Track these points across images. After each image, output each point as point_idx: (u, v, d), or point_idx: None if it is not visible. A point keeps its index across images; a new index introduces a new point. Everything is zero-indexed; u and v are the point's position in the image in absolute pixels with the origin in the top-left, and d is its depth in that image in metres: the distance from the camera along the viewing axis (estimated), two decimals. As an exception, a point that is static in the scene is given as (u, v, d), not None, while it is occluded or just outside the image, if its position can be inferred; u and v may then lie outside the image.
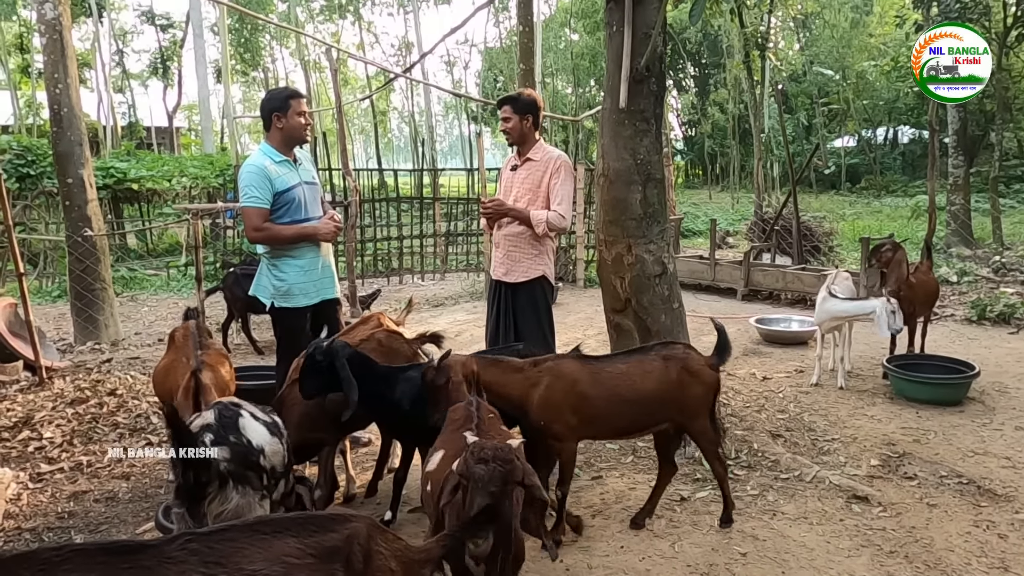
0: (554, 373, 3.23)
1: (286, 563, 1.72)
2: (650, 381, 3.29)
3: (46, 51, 6.92)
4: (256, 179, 3.75)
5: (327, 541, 1.79)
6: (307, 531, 1.80)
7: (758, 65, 17.89)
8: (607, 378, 3.27)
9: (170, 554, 1.64)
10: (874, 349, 6.46)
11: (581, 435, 3.41)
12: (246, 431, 2.60)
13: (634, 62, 4.48)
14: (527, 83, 8.96)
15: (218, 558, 1.66)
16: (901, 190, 23.81)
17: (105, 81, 25.92)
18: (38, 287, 10.63)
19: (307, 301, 3.91)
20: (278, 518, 1.90)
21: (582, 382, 3.23)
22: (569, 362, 3.31)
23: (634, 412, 3.30)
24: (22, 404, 5.16)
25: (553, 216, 4.25)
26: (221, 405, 2.67)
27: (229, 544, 1.70)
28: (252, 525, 1.81)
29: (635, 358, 3.40)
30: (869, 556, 3.23)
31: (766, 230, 10.90)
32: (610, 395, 3.24)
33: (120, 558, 1.60)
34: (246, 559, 1.68)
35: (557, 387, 3.20)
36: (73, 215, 7.08)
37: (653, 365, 3.33)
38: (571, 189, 4.41)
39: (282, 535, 1.77)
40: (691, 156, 34.12)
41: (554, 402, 3.19)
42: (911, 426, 4.78)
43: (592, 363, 3.35)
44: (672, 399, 3.30)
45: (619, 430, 3.49)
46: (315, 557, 1.76)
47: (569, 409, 3.21)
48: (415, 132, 34.08)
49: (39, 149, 12.15)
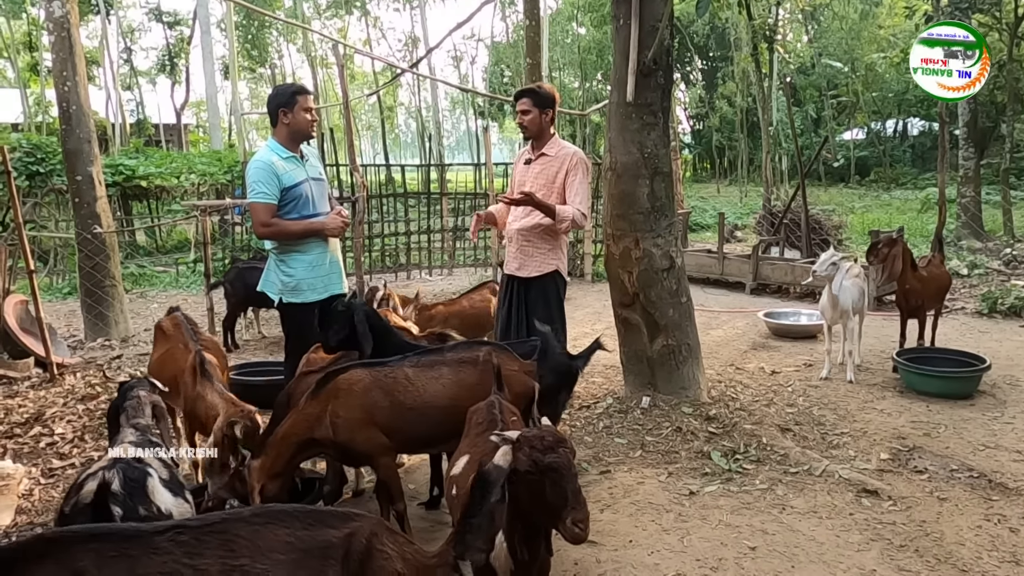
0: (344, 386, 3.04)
1: (272, 558, 1.70)
2: (447, 386, 3.06)
3: (54, 49, 6.95)
4: (264, 175, 3.76)
5: (321, 536, 1.77)
6: (302, 525, 1.78)
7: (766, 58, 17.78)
8: (400, 386, 3.05)
9: (158, 544, 1.64)
10: (884, 343, 6.43)
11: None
12: (155, 496, 2.28)
13: (641, 55, 4.47)
14: (534, 77, 8.94)
15: (203, 550, 1.66)
16: (911, 183, 23.65)
17: (113, 79, 26.01)
18: (48, 284, 10.70)
19: (315, 296, 3.92)
20: (277, 509, 1.84)
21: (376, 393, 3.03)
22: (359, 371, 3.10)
23: (431, 421, 3.07)
24: (33, 400, 5.20)
25: (577, 215, 4.21)
26: (124, 464, 2.30)
27: (217, 536, 1.70)
28: (247, 517, 1.78)
29: (428, 359, 3.16)
30: (879, 550, 3.22)
31: (775, 223, 10.85)
32: (407, 404, 3.04)
33: (110, 545, 1.61)
34: (231, 553, 1.68)
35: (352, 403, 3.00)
36: (82, 212, 7.12)
37: (447, 370, 3.11)
38: (588, 186, 4.35)
39: (275, 526, 1.75)
40: (699, 150, 33.97)
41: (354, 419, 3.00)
42: (921, 420, 4.75)
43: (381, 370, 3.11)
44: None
45: (423, 440, 3.24)
46: (304, 552, 1.73)
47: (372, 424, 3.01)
48: (422, 127, 34.05)
49: (48, 147, 12.22)
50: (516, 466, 1.96)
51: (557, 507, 1.92)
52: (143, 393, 2.90)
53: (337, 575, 1.73)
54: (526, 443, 1.97)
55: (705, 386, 4.93)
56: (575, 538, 1.92)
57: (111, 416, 2.92)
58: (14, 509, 3.59)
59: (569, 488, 1.92)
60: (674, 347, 4.76)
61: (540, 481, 1.93)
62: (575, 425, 4.62)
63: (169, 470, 2.44)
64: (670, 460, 4.13)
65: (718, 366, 5.91)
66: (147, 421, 2.73)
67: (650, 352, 4.80)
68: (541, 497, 1.95)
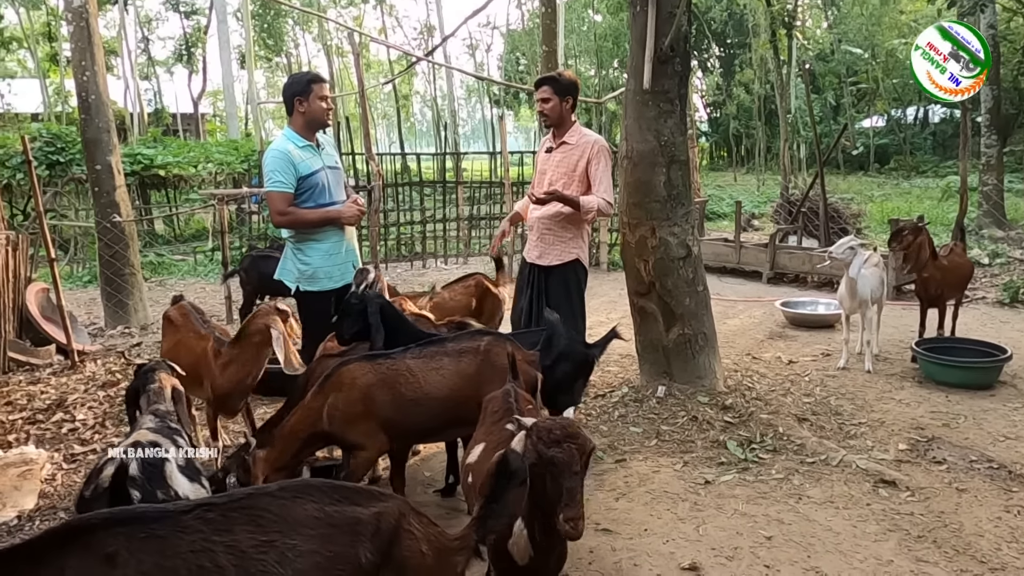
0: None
1: (302, 532, 1.70)
2: (447, 377, 3.03)
3: (73, 39, 7.00)
4: (280, 164, 3.77)
5: (350, 513, 1.76)
6: (330, 500, 1.77)
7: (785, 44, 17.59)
8: (402, 378, 3.04)
9: (186, 523, 1.64)
10: (902, 332, 6.37)
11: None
12: (173, 481, 2.30)
13: (658, 42, 4.43)
14: (550, 65, 8.88)
15: (231, 526, 1.66)
16: (931, 171, 23.33)
17: (131, 68, 26.18)
18: (69, 272, 10.82)
19: (332, 285, 3.94)
20: (303, 484, 1.84)
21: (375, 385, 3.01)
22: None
23: (433, 412, 3.06)
24: (55, 387, 5.27)
25: (603, 204, 4.21)
26: (143, 448, 2.34)
27: (245, 512, 1.69)
28: (273, 492, 1.78)
29: (429, 349, 3.14)
30: (897, 541, 3.20)
31: (792, 212, 10.76)
32: (408, 396, 3.02)
33: (138, 527, 1.61)
34: (260, 529, 1.68)
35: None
36: (102, 201, 7.18)
37: (448, 360, 3.09)
38: (610, 173, 4.34)
39: (303, 501, 1.74)
40: (716, 138, 33.70)
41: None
42: (940, 410, 4.71)
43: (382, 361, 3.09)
44: (469, 399, 3.02)
45: (425, 431, 3.24)
46: (334, 527, 1.73)
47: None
48: (438, 116, 34.03)
49: (68, 136, 12.32)
50: (525, 455, 1.96)
51: (552, 501, 1.92)
52: (163, 375, 2.92)
53: (367, 552, 1.73)
54: (535, 433, 1.97)
55: (721, 375, 4.91)
56: (567, 535, 1.92)
57: (129, 399, 2.95)
58: (37, 493, 3.65)
59: (565, 484, 1.90)
60: (690, 336, 4.75)
61: (542, 473, 1.94)
62: (590, 414, 4.63)
63: (186, 455, 2.46)
64: (686, 449, 4.13)
65: (734, 355, 5.88)
66: (167, 407, 2.76)
67: (666, 341, 4.79)
68: (540, 485, 1.96)
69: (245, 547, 1.65)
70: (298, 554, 1.68)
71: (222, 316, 7.84)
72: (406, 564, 1.80)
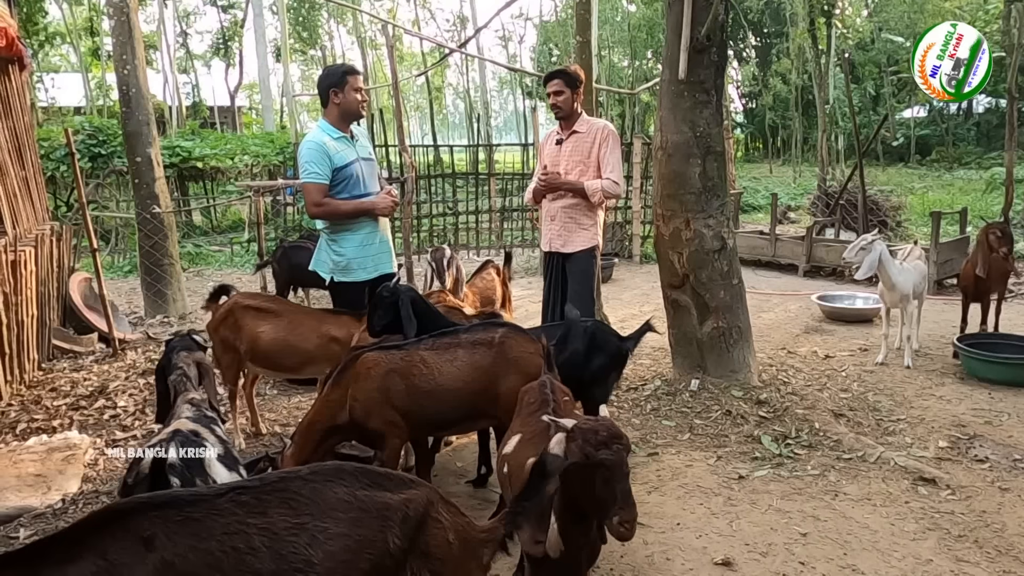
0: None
1: (334, 516, 1.72)
2: (461, 368, 3.02)
3: (114, 33, 7.13)
4: (316, 155, 3.81)
5: (380, 498, 1.78)
6: (360, 485, 1.79)
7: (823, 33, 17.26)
8: (416, 369, 3.03)
9: (220, 506, 1.68)
10: (943, 327, 6.23)
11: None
12: (211, 470, 2.32)
13: (694, 31, 4.38)
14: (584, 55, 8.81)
15: (265, 509, 1.69)
16: (975, 162, 22.74)
17: (170, 62, 26.59)
18: (110, 263, 11.06)
19: (366, 276, 3.97)
20: (334, 468, 1.86)
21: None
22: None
23: (446, 403, 3.04)
24: (97, 374, 5.40)
25: (608, 184, 4.32)
26: (183, 437, 2.37)
27: (278, 495, 1.72)
28: (305, 476, 1.80)
29: (444, 341, 3.12)
30: (936, 540, 3.14)
31: (830, 204, 10.57)
32: (423, 387, 3.01)
33: (173, 510, 1.65)
34: (292, 511, 1.70)
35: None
36: (142, 193, 7.32)
37: (462, 352, 3.07)
38: (620, 156, 4.45)
39: (333, 484, 1.76)
40: (751, 129, 33.23)
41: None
42: (983, 407, 4.60)
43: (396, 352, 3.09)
44: (483, 390, 3.01)
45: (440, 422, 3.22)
46: (364, 511, 1.75)
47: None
48: (470, 108, 34.02)
49: (109, 129, 12.59)
50: (568, 456, 1.93)
51: (606, 503, 1.89)
52: (194, 352, 2.97)
53: (395, 538, 1.75)
54: (580, 435, 1.93)
55: (756, 369, 4.85)
56: (620, 536, 1.90)
57: (159, 376, 2.99)
58: (80, 477, 3.75)
59: (619, 487, 1.88)
60: (724, 329, 4.70)
61: (591, 475, 1.90)
62: (622, 407, 4.60)
63: (224, 445, 2.49)
64: (719, 443, 4.09)
65: (769, 349, 5.80)
66: (200, 394, 2.80)
67: (700, 334, 4.74)
68: (591, 490, 1.92)
69: (278, 529, 1.68)
70: (328, 537, 1.70)
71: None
72: (432, 552, 1.81)
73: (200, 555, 1.61)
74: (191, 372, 2.91)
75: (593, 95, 6.68)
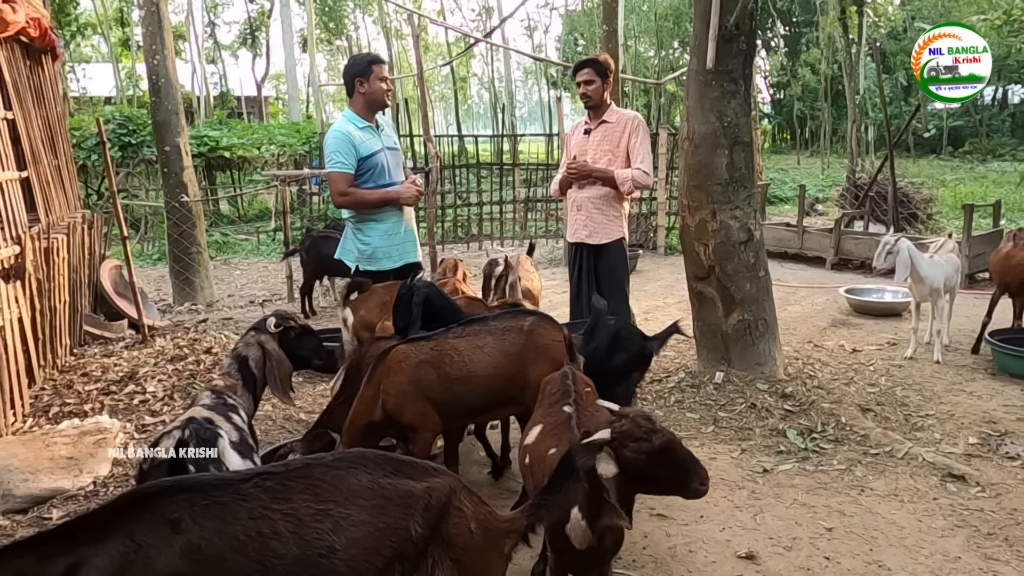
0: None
1: (357, 503, 1.73)
2: (492, 356, 3.00)
3: (144, 24, 7.21)
4: (341, 145, 3.82)
5: (403, 486, 1.79)
6: (383, 472, 1.80)
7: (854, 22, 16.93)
8: (447, 358, 3.02)
9: (245, 491, 1.70)
10: (974, 322, 6.10)
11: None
12: (225, 457, 2.33)
13: (723, 20, 4.33)
14: (610, 45, 8.77)
15: (289, 495, 1.71)
16: (1009, 154, 22.29)
17: (198, 52, 26.85)
18: (140, 251, 11.24)
19: (391, 264, 3.99)
20: (357, 455, 1.87)
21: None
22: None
23: (478, 391, 3.03)
24: (127, 360, 5.49)
25: (638, 174, 4.31)
26: (196, 424, 2.38)
27: (302, 481, 1.74)
28: (328, 463, 1.81)
29: (472, 328, 3.10)
30: (965, 537, 3.09)
31: (859, 196, 10.41)
32: (454, 376, 3.00)
33: (200, 495, 1.67)
34: (316, 498, 1.72)
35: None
36: (171, 182, 7.42)
37: (492, 339, 3.05)
38: (650, 147, 4.45)
39: (356, 472, 1.77)
40: (779, 120, 32.82)
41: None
42: (1015, 403, 4.51)
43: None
44: (513, 376, 2.99)
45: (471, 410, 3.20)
46: (386, 499, 1.76)
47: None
48: (495, 98, 33.95)
49: (139, 119, 12.76)
50: (624, 463, 1.94)
51: (681, 477, 1.97)
52: (261, 333, 3.02)
53: (417, 526, 1.76)
54: (627, 439, 1.94)
55: (782, 363, 4.80)
56: (699, 495, 2.02)
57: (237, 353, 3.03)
58: (111, 461, 3.82)
59: (684, 456, 1.97)
60: (750, 322, 4.65)
61: (658, 463, 1.94)
62: (646, 398, 4.58)
63: (240, 433, 2.51)
64: (743, 437, 4.06)
65: (795, 343, 5.74)
66: (226, 381, 2.83)
67: (725, 327, 4.71)
68: (660, 475, 1.97)
69: (302, 515, 1.70)
70: (352, 523, 1.72)
71: (283, 294, 8.03)
72: (454, 541, 1.82)
73: (225, 539, 1.64)
74: (252, 354, 2.96)
75: (619, 85, 6.65)
